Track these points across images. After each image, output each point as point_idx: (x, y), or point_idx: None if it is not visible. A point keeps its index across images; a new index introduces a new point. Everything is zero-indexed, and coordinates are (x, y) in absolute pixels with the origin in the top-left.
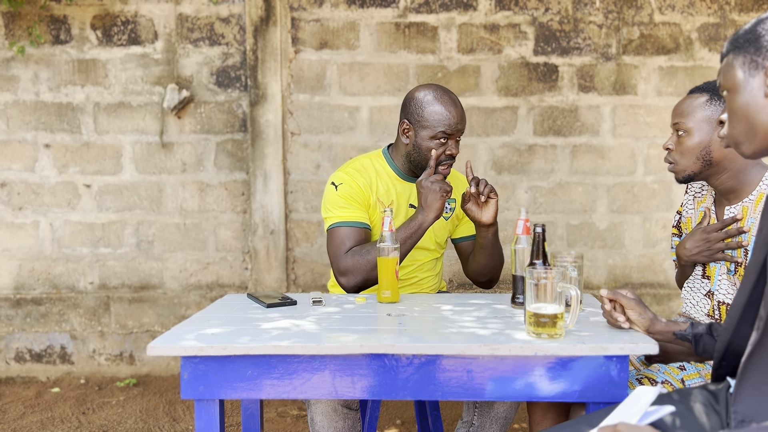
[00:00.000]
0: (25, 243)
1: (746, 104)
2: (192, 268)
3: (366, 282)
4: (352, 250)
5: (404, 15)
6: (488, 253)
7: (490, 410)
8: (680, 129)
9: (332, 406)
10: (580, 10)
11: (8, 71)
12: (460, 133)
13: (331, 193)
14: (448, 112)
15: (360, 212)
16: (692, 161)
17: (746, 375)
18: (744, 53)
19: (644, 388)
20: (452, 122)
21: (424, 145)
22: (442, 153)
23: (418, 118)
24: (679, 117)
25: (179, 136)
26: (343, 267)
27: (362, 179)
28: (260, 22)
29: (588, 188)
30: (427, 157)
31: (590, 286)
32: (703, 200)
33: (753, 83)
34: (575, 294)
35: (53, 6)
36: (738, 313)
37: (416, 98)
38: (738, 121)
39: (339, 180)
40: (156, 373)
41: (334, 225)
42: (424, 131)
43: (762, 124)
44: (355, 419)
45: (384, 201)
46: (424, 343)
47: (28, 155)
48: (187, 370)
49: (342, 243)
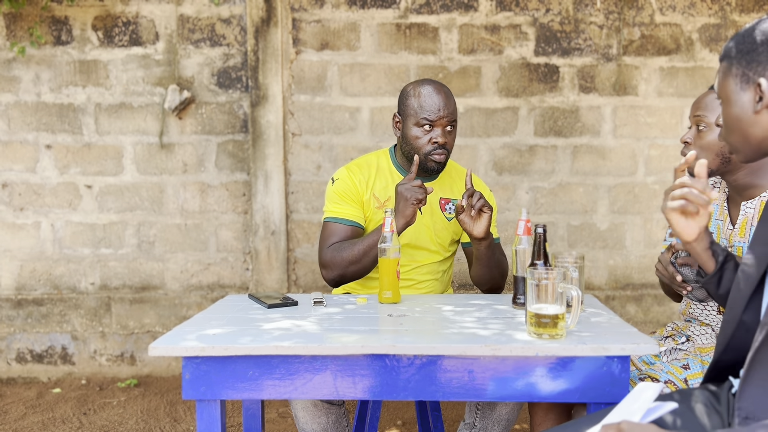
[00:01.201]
0: (27, 244)
1: (737, 118)
2: (193, 269)
3: (343, 277)
4: (333, 245)
5: (405, 16)
6: (484, 264)
7: (492, 412)
8: (701, 123)
9: (312, 402)
10: (580, 10)
11: (9, 72)
12: (446, 122)
13: (329, 188)
14: (430, 98)
15: (351, 209)
16: (711, 158)
17: (751, 373)
18: (737, 65)
19: (646, 384)
20: (433, 108)
21: (410, 134)
22: (429, 152)
23: (404, 107)
24: (701, 110)
25: (180, 136)
26: (323, 260)
27: (360, 176)
28: (261, 23)
29: (589, 189)
30: (414, 146)
31: (591, 287)
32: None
33: (744, 98)
34: (576, 294)
35: (54, 7)
36: (742, 304)
37: (404, 91)
38: (731, 131)
39: (338, 176)
40: (157, 373)
41: (326, 219)
42: (409, 120)
43: (753, 137)
44: (339, 414)
45: (380, 197)
46: (425, 344)
47: (30, 156)
48: (189, 371)
49: (327, 237)
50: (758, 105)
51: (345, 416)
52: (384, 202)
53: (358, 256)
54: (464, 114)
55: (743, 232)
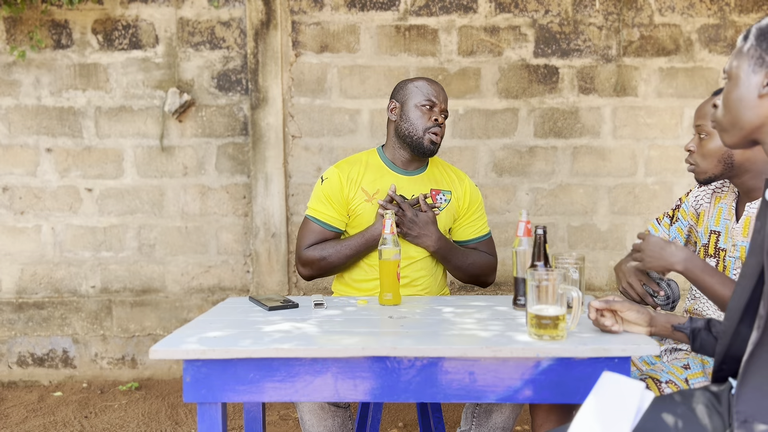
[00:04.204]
0: (27, 247)
1: (739, 98)
2: (194, 272)
3: (319, 276)
4: (313, 246)
5: (404, 18)
6: (451, 266)
7: (488, 419)
8: (702, 132)
9: (319, 405)
10: (580, 11)
11: (10, 76)
12: (443, 108)
13: (317, 186)
14: (428, 87)
15: (333, 212)
16: (713, 164)
17: (748, 375)
18: (756, 46)
19: (614, 378)
20: (435, 92)
21: (412, 114)
22: (428, 128)
23: (403, 93)
24: (701, 119)
25: (180, 139)
26: (303, 259)
27: (349, 172)
28: (261, 26)
29: (589, 190)
30: (415, 124)
31: (592, 288)
32: (723, 197)
33: (753, 79)
34: (577, 295)
35: (54, 11)
36: (738, 314)
37: (400, 83)
38: (727, 110)
39: (327, 175)
40: (158, 376)
41: (308, 216)
42: (411, 101)
43: (747, 122)
44: (345, 417)
45: (368, 190)
46: (426, 346)
47: (30, 159)
48: (190, 374)
49: (306, 236)
50: (765, 89)
51: (351, 419)
52: (373, 195)
53: (340, 261)
54: (464, 115)
55: (746, 232)
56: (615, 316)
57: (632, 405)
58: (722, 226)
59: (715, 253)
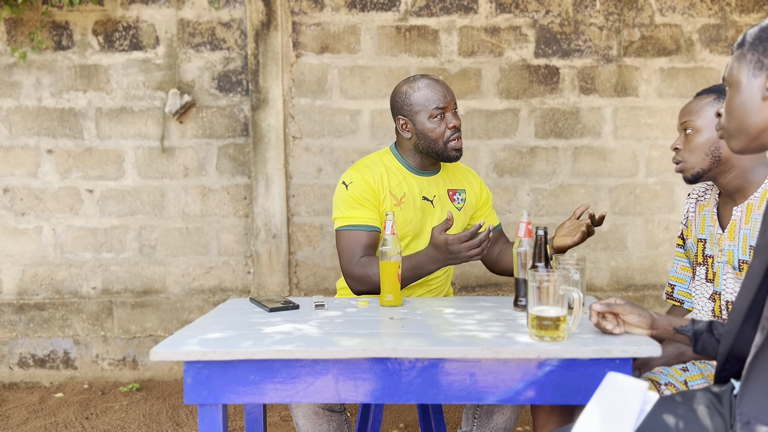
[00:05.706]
0: (28, 248)
1: (743, 104)
2: (194, 273)
3: (371, 291)
4: (362, 260)
5: (405, 18)
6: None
7: (489, 420)
8: (688, 127)
9: (313, 409)
10: (580, 12)
11: (10, 77)
12: (453, 105)
13: (342, 193)
14: (432, 89)
15: (369, 213)
16: (701, 158)
17: (751, 377)
18: (753, 51)
19: (618, 379)
20: (440, 95)
21: (427, 128)
22: (448, 139)
23: (409, 107)
24: (687, 116)
25: (181, 140)
26: (354, 274)
27: (373, 175)
28: (261, 27)
29: (590, 190)
30: (433, 138)
31: (593, 289)
32: (706, 204)
33: (754, 83)
34: (578, 296)
35: (55, 12)
36: (741, 315)
37: (400, 92)
38: (732, 117)
39: (350, 179)
40: (159, 377)
41: (343, 227)
42: (420, 116)
43: (753, 126)
44: (340, 421)
45: (396, 194)
46: (427, 347)
47: (31, 161)
48: (191, 375)
49: (351, 247)
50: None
51: (347, 423)
52: (401, 199)
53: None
54: (465, 116)
55: (732, 236)
56: (616, 318)
57: (635, 405)
58: (707, 233)
59: (703, 261)
